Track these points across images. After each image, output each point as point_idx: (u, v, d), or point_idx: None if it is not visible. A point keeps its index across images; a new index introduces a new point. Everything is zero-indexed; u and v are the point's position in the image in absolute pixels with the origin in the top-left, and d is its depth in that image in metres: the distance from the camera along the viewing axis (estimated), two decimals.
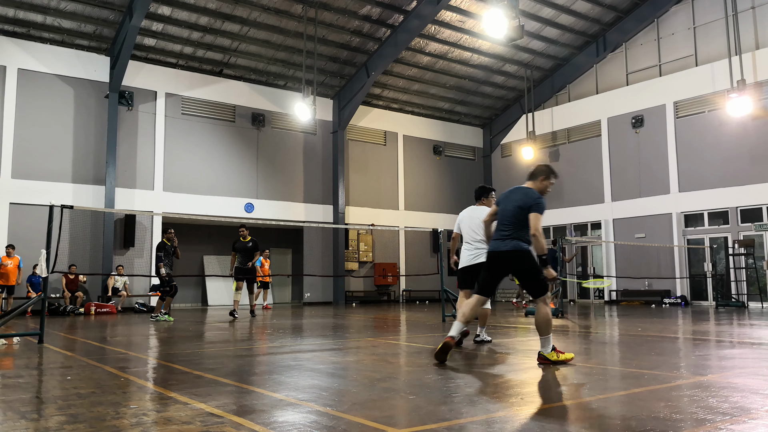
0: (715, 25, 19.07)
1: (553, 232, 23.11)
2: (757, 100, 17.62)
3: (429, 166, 24.69)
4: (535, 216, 5.32)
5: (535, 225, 5.29)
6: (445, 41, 20.64)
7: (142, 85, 18.26)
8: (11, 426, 3.20)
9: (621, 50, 21.71)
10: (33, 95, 16.60)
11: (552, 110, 23.82)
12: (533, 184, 5.63)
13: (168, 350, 7.03)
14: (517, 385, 4.39)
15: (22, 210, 16.03)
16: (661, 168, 19.95)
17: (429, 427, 3.13)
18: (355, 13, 18.57)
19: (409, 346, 7.24)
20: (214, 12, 17.26)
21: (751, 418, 3.26)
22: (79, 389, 4.28)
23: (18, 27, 16.38)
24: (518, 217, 5.43)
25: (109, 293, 16.63)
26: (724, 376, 4.68)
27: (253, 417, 3.37)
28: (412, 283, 23.25)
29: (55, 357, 6.31)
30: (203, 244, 20.98)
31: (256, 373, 5.12)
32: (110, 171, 17.13)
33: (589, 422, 3.18)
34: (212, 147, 19.40)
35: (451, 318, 11.73)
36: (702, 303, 18.98)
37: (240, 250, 13.09)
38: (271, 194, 20.43)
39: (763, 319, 11.90)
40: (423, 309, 17.14)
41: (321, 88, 21.09)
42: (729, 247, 18.32)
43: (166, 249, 12.62)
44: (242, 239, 13.14)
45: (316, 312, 15.84)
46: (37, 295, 9.28)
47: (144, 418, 3.38)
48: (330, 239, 21.77)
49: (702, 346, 7.00)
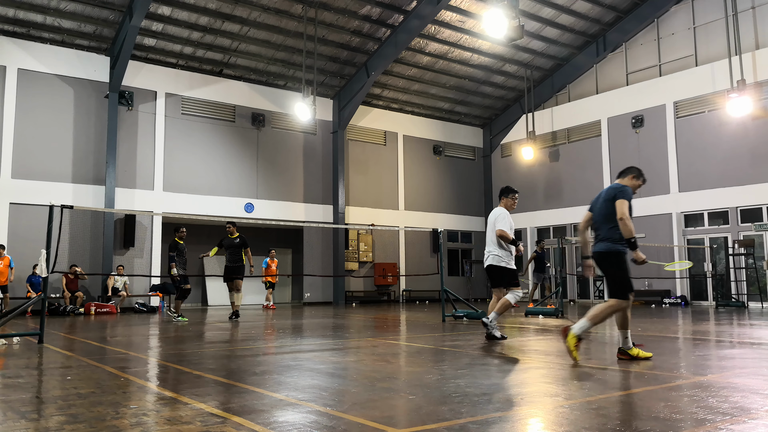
0: (715, 25, 19.07)
1: (553, 232, 23.12)
2: (757, 100, 17.62)
3: (429, 166, 24.69)
4: (620, 202, 5.54)
5: (621, 210, 5.51)
6: (445, 41, 20.64)
7: (142, 85, 18.26)
8: (11, 426, 3.20)
9: (621, 50, 21.71)
10: (33, 95, 16.60)
11: (552, 110, 23.82)
12: (622, 182, 5.90)
13: (168, 350, 7.03)
14: (517, 385, 4.39)
15: (22, 210, 16.03)
16: (661, 168, 19.95)
17: (429, 427, 3.12)
18: (355, 13, 18.57)
19: (409, 346, 7.24)
20: (214, 12, 17.26)
21: (751, 418, 3.26)
22: (79, 389, 4.28)
23: (18, 27, 16.38)
24: (606, 212, 5.69)
25: (109, 293, 16.63)
26: (724, 376, 4.68)
27: (253, 417, 3.37)
28: (412, 283, 23.25)
29: (55, 357, 6.31)
30: (203, 244, 20.86)
31: (256, 373, 5.12)
32: (110, 171, 17.13)
33: (589, 422, 3.18)
34: (212, 147, 19.41)
35: (451, 318, 11.74)
36: (702, 303, 18.98)
37: (228, 246, 12.66)
38: (271, 194, 20.43)
39: (763, 319, 11.90)
40: (423, 309, 17.14)
41: (321, 88, 21.10)
42: (729, 247, 18.32)
43: (179, 248, 12.45)
44: (230, 236, 12.67)
45: (316, 312, 15.84)
46: (37, 295, 9.28)
47: (144, 418, 3.38)
48: (330, 239, 21.77)
49: (702, 346, 7.00)
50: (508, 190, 7.98)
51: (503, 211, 7.83)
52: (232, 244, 12.66)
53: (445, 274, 12.84)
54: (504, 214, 7.78)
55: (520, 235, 24.90)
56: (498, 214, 7.80)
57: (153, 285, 17.66)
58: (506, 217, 7.76)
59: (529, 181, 24.26)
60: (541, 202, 23.69)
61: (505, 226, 7.67)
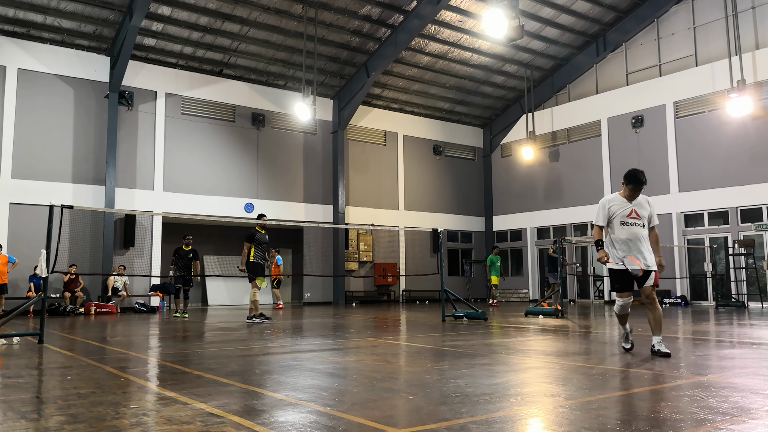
0: (715, 25, 19.07)
1: (553, 232, 23.12)
2: (757, 100, 17.62)
3: (429, 166, 24.69)
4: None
5: None
6: (445, 41, 20.64)
7: (142, 85, 18.26)
8: (11, 426, 3.20)
9: (621, 50, 21.71)
10: (33, 95, 16.60)
11: (552, 110, 23.82)
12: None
13: (168, 350, 7.03)
14: (517, 385, 4.39)
15: (22, 210, 16.03)
16: (661, 168, 19.94)
17: (429, 427, 3.12)
18: (355, 13, 18.57)
19: (409, 346, 7.24)
20: (214, 12, 17.26)
21: (751, 418, 3.26)
22: (79, 389, 4.28)
23: (18, 27, 16.37)
24: None
25: (109, 293, 16.63)
26: (724, 376, 4.68)
27: (253, 417, 3.37)
28: (412, 283, 23.25)
29: (55, 357, 6.30)
30: (203, 244, 20.95)
31: (256, 373, 5.12)
32: (110, 171, 17.12)
33: (589, 422, 3.18)
34: (212, 147, 19.41)
35: (451, 318, 11.73)
36: (702, 303, 18.98)
37: (261, 242, 11.91)
38: (271, 194, 20.43)
39: (763, 319, 11.90)
40: (423, 309, 17.14)
41: (321, 88, 21.09)
42: (729, 247, 18.32)
43: (180, 254, 14.19)
44: (261, 231, 11.97)
45: (316, 312, 15.84)
46: (37, 295, 9.28)
47: (144, 418, 3.38)
48: (330, 239, 21.77)
49: (702, 346, 7.00)
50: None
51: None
52: (265, 239, 11.99)
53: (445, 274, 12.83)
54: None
55: (520, 235, 24.94)
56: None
57: (153, 285, 17.67)
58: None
59: (529, 181, 24.26)
60: (541, 202, 23.69)
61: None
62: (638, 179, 6.00)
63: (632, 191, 6.05)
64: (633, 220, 6.00)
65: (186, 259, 14.19)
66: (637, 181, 6.00)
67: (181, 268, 14.16)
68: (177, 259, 14.29)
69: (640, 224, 6.01)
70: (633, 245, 5.96)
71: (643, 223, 6.02)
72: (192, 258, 14.30)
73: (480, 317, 11.51)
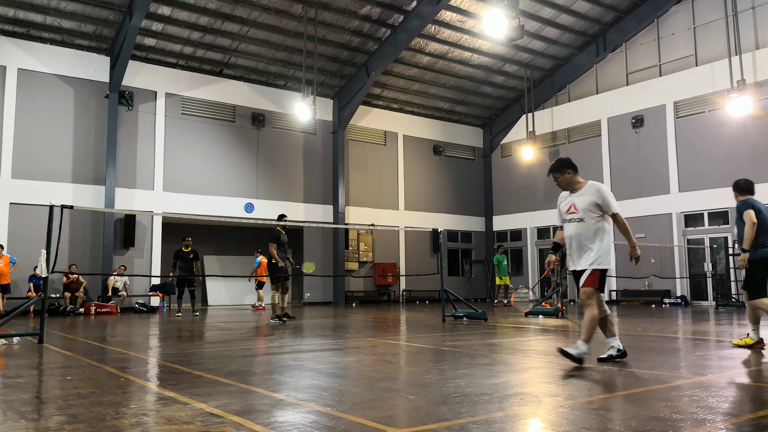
0: (715, 25, 19.07)
1: (553, 232, 23.11)
2: (757, 100, 17.61)
3: (429, 166, 24.69)
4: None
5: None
6: (445, 41, 20.63)
7: (142, 85, 18.26)
8: (11, 426, 3.20)
9: (621, 50, 21.70)
10: (33, 95, 16.59)
11: (552, 110, 23.82)
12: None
13: (168, 350, 7.03)
14: (517, 385, 4.39)
15: (22, 210, 16.03)
16: (661, 168, 19.94)
17: (429, 427, 3.12)
18: (355, 13, 18.57)
19: (409, 346, 7.24)
20: (214, 12, 17.26)
21: (751, 418, 3.26)
22: (79, 389, 4.28)
23: (18, 27, 16.37)
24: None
25: (109, 293, 16.63)
26: (724, 376, 4.68)
27: (253, 417, 3.37)
28: (412, 283, 23.25)
29: (55, 357, 6.30)
30: (203, 245, 20.94)
31: (256, 373, 5.12)
32: (110, 171, 17.13)
33: (589, 422, 3.18)
34: (212, 147, 19.41)
35: (451, 318, 11.73)
36: (702, 303, 18.98)
37: (284, 243, 11.94)
38: (271, 194, 20.43)
39: (762, 319, 11.88)
40: (423, 309, 17.14)
41: (321, 88, 21.09)
42: (729, 247, 18.32)
43: (180, 255, 14.53)
44: (283, 231, 11.95)
45: (316, 312, 15.84)
46: (37, 295, 9.27)
47: (144, 418, 3.38)
48: (330, 239, 21.77)
49: (702, 346, 7.00)
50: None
51: None
52: (285, 240, 11.97)
53: (445, 274, 12.82)
54: None
55: (520, 235, 24.94)
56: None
57: (153, 285, 17.66)
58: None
59: (529, 181, 24.25)
60: (541, 202, 23.67)
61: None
62: (551, 167, 5.59)
63: (557, 182, 5.63)
64: (571, 215, 5.52)
65: (187, 260, 14.61)
66: (550, 169, 5.60)
67: (182, 269, 14.52)
68: (178, 261, 14.59)
69: (577, 219, 5.45)
70: (573, 243, 5.49)
71: (581, 217, 5.43)
72: (193, 259, 14.74)
73: (480, 317, 11.50)
